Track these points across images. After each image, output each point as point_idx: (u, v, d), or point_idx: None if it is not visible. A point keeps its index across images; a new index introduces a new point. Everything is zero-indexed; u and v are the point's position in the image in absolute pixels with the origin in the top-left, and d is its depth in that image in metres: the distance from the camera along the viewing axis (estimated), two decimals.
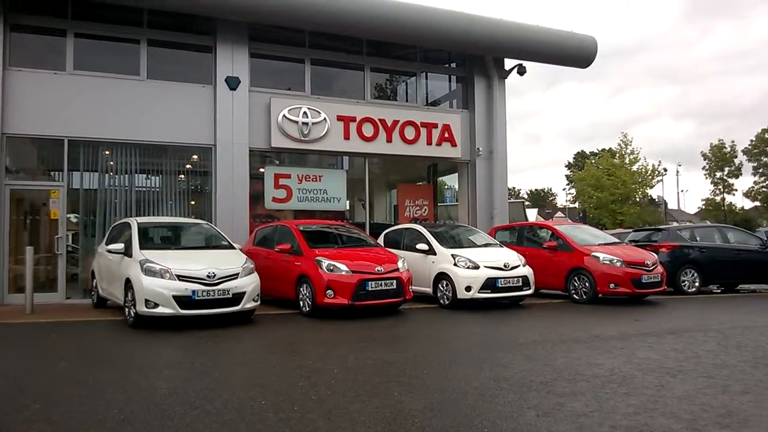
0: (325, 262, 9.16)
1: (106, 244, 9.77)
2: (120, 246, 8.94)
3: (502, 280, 10.14)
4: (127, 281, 8.35)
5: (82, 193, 12.06)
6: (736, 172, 49.83)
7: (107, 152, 12.10)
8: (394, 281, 9.30)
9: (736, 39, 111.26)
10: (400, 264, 9.64)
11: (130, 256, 8.58)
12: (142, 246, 8.71)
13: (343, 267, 9.10)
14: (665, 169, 44.51)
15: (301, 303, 9.46)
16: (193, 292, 7.98)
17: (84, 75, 11.82)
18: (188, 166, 13.17)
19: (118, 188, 12.22)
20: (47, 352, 6.91)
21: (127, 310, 8.42)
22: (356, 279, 9.01)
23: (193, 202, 13.08)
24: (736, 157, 49.78)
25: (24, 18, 11.65)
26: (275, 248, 10.13)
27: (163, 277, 8.00)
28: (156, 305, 7.90)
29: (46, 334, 8.10)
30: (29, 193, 12.16)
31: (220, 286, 8.17)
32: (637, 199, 42.87)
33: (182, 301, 7.93)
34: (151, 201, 12.59)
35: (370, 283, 9.07)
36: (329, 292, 8.94)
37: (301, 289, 9.46)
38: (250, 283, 8.55)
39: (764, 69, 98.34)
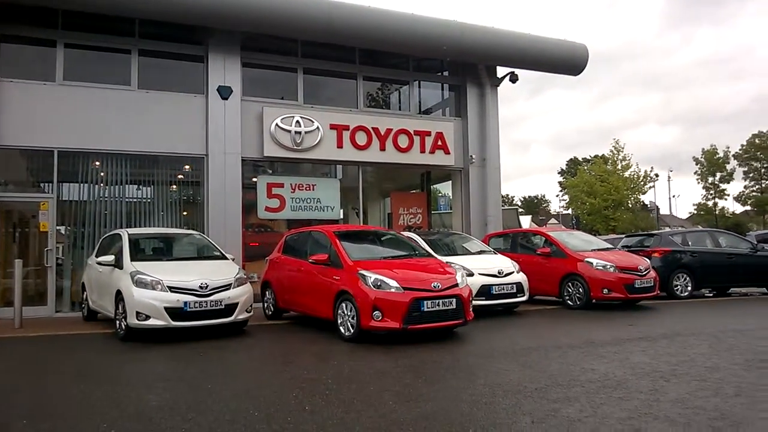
0: (371, 277, 7.63)
1: (97, 256, 9.71)
2: (110, 258, 8.86)
3: (497, 287, 10.13)
4: (118, 293, 8.29)
5: (72, 204, 11.95)
6: (729, 177, 50.20)
7: (97, 163, 12.01)
8: (454, 300, 7.70)
9: (718, 45, 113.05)
10: (459, 278, 8.10)
11: (121, 267, 8.51)
12: (133, 257, 8.65)
13: (393, 283, 7.56)
14: (657, 175, 44.90)
15: (341, 325, 7.94)
16: (185, 303, 7.91)
17: (74, 85, 11.75)
18: (180, 176, 13.13)
19: (108, 199, 12.10)
20: (36, 367, 6.82)
21: (117, 322, 8.34)
22: (409, 298, 7.44)
23: (185, 213, 12.99)
24: (728, 162, 50.15)
25: (14, 28, 11.57)
26: (309, 259, 8.79)
27: (154, 288, 7.93)
28: (147, 317, 7.83)
29: (36, 349, 8.00)
30: (18, 205, 12.04)
31: (212, 297, 8.09)
32: (630, 205, 43.15)
33: (174, 312, 7.86)
34: (143, 212, 12.50)
35: (425, 302, 7.51)
36: (376, 313, 7.40)
37: (342, 308, 7.92)
38: (243, 293, 8.48)
39: (747, 74, 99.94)
